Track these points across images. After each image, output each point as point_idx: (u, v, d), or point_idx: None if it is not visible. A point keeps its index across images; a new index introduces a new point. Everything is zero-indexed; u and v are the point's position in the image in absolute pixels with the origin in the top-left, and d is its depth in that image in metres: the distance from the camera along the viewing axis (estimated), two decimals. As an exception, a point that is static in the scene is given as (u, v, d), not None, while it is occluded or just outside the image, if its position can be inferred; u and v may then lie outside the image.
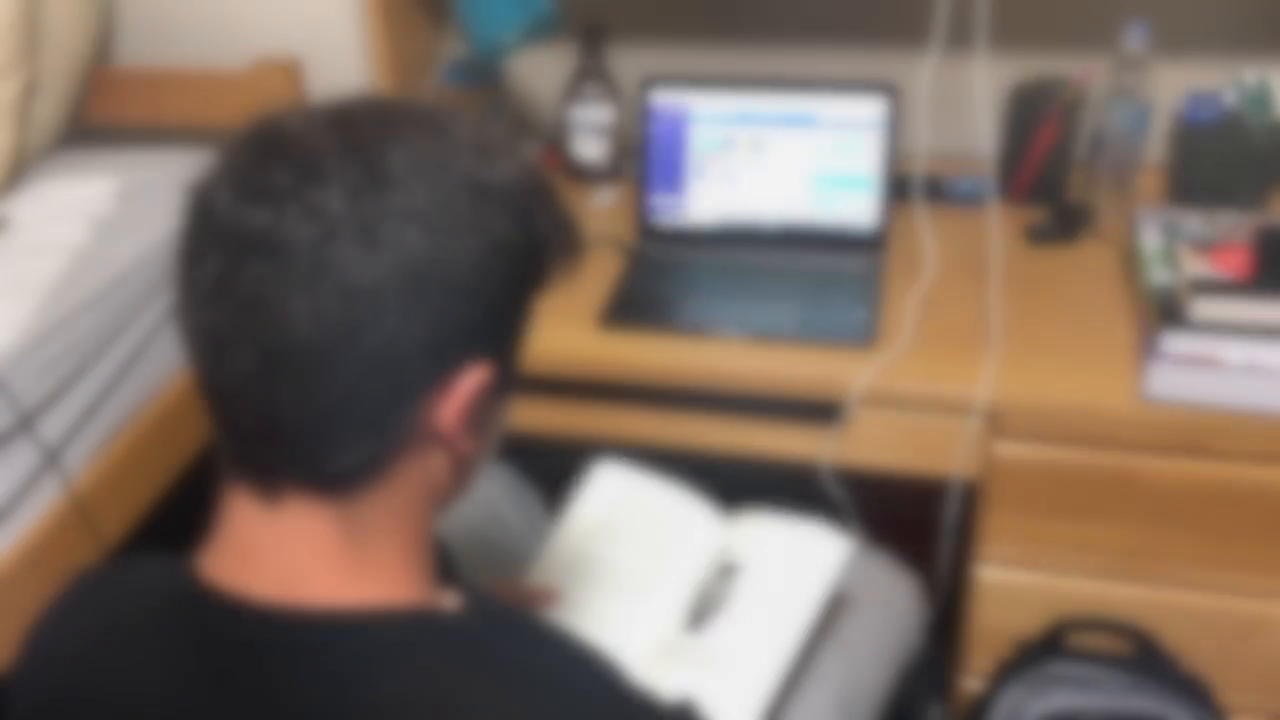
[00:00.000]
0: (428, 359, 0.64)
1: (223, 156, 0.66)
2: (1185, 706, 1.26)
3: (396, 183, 0.62)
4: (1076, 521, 1.27)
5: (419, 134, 0.65)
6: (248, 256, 0.61)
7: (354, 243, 0.61)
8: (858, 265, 1.45)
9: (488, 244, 0.65)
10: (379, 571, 0.68)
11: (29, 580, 1.35)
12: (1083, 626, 1.33)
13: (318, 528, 0.67)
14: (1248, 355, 1.16)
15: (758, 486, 1.29)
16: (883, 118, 1.44)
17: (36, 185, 1.73)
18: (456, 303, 0.64)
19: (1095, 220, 1.53)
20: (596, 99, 1.70)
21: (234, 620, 0.67)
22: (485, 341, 0.67)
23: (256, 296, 0.61)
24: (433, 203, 0.63)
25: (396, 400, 0.64)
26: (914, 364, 1.29)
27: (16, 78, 1.67)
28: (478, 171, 0.65)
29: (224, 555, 0.70)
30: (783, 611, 1.07)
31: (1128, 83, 1.49)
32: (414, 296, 0.62)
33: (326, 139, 0.63)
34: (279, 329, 0.61)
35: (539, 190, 0.69)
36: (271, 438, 0.64)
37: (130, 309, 1.54)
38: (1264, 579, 1.26)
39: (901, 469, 1.32)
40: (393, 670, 0.65)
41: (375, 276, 0.61)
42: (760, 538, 1.15)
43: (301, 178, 0.62)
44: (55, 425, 1.40)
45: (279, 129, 0.65)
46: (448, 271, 0.63)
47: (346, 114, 0.66)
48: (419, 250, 0.62)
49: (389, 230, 0.61)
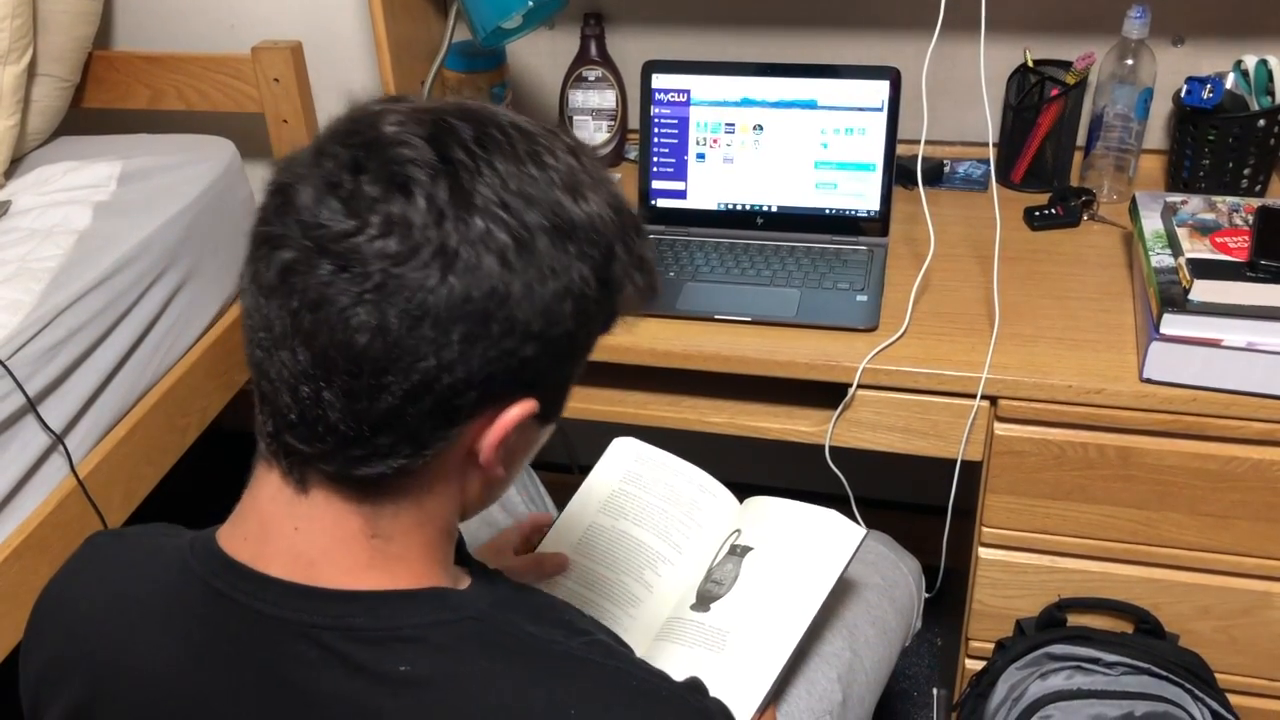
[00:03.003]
0: (478, 390, 0.63)
1: (316, 144, 0.64)
2: (1184, 686, 1.27)
3: (481, 210, 0.61)
4: (1077, 502, 1.28)
5: (513, 160, 0.64)
6: (321, 257, 0.60)
7: (429, 265, 0.60)
8: (859, 249, 1.46)
9: (561, 288, 0.64)
10: (399, 564, 0.68)
11: (36, 561, 1.35)
12: (1083, 606, 1.34)
13: (342, 520, 0.67)
14: (1247, 337, 1.17)
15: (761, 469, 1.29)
16: (884, 102, 1.44)
17: (37, 169, 1.72)
18: (517, 341, 0.63)
19: (1096, 204, 1.54)
20: (598, 83, 1.70)
21: (252, 592, 0.67)
22: (537, 378, 0.66)
23: (322, 298, 0.60)
24: (513, 238, 0.62)
25: (439, 423, 0.64)
26: (915, 347, 1.30)
27: (18, 62, 1.66)
28: (564, 209, 0.64)
29: (244, 531, 0.70)
30: (792, 596, 1.08)
31: (1128, 67, 1.49)
32: (477, 329, 0.61)
33: (421, 151, 0.62)
34: (338, 335, 0.60)
35: (622, 230, 0.68)
36: (310, 432, 0.64)
37: (133, 293, 1.54)
38: (1263, 559, 1.27)
39: (903, 451, 1.33)
40: (407, 646, 0.65)
41: (443, 303, 0.60)
42: (772, 521, 1.16)
43: (388, 190, 0.61)
44: (60, 409, 1.40)
45: (376, 129, 0.63)
46: (515, 310, 0.62)
47: (447, 126, 0.64)
48: (491, 284, 0.61)
49: (466, 259, 0.60)
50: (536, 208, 0.63)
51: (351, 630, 0.65)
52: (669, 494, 1.20)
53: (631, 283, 0.69)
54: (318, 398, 0.62)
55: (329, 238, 0.60)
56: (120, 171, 1.70)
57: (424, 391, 0.62)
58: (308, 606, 0.66)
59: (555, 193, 0.64)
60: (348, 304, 0.60)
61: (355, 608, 0.66)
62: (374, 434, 0.63)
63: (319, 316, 0.61)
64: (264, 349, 0.64)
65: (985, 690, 1.35)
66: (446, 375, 0.62)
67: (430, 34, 1.73)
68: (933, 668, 1.82)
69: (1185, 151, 1.52)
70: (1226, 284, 1.18)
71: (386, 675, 0.64)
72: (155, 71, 1.88)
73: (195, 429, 1.68)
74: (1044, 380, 1.23)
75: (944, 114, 1.65)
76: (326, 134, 0.65)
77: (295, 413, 0.64)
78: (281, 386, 0.64)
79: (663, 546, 1.17)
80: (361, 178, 0.61)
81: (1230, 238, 1.25)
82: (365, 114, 0.65)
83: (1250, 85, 1.49)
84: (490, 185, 0.62)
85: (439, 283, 0.60)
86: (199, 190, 1.71)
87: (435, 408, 0.63)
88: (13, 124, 1.69)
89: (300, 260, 0.61)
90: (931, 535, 1.45)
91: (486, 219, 0.61)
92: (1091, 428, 1.24)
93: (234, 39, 1.90)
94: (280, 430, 0.66)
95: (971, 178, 1.65)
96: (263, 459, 0.69)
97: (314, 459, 0.65)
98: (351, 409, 0.62)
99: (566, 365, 0.69)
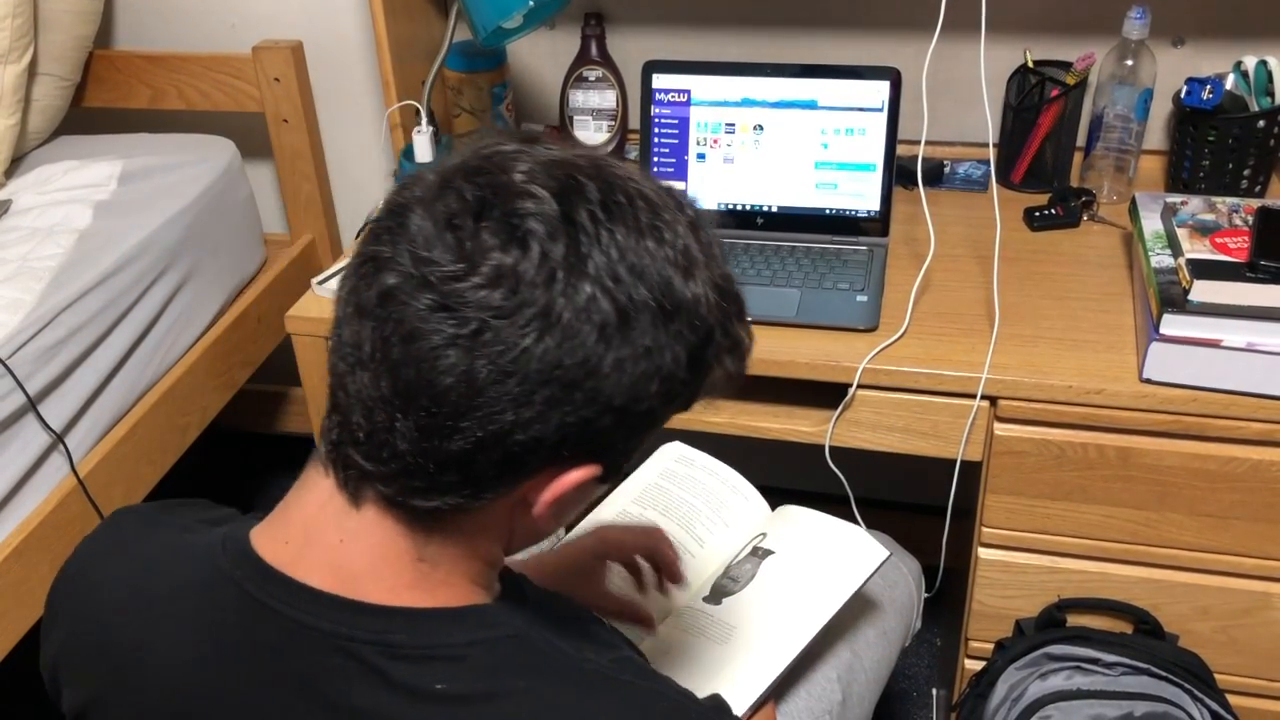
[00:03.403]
0: (547, 452, 0.63)
1: (443, 174, 0.64)
2: (1184, 686, 1.27)
3: (592, 278, 0.61)
4: (1076, 502, 1.28)
5: (634, 231, 0.63)
6: (424, 291, 0.60)
7: (528, 325, 0.59)
8: (859, 249, 1.46)
9: (652, 368, 0.63)
10: (441, 587, 0.68)
11: (37, 560, 1.35)
12: (1082, 607, 1.35)
13: (390, 540, 0.67)
14: (1247, 338, 1.17)
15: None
16: (884, 102, 1.44)
17: (38, 169, 1.73)
18: (597, 412, 0.63)
19: (1096, 204, 1.54)
20: (599, 83, 1.70)
21: (289, 600, 0.67)
22: (607, 448, 0.66)
23: (416, 332, 0.60)
24: (617, 311, 0.61)
25: (503, 474, 0.64)
26: (915, 347, 1.30)
27: (19, 61, 1.66)
28: (672, 289, 0.63)
29: (286, 535, 0.69)
30: (803, 603, 1.08)
31: (1128, 67, 1.49)
32: (561, 395, 0.61)
33: (545, 206, 0.61)
34: (424, 371, 0.60)
35: (724, 315, 0.67)
36: (376, 453, 0.64)
37: (134, 292, 1.54)
38: (1262, 560, 1.27)
39: (903, 451, 1.33)
40: (445, 664, 0.65)
41: (533, 364, 0.60)
42: (798, 529, 1.17)
43: (506, 241, 0.60)
44: (60, 408, 1.41)
45: (506, 174, 0.63)
46: (602, 383, 0.62)
47: (576, 184, 0.63)
48: (585, 354, 0.61)
49: (566, 325, 0.60)
50: (645, 284, 0.62)
51: (390, 646, 0.65)
52: (700, 491, 1.22)
53: (722, 367, 0.69)
54: (391, 425, 0.62)
55: (436, 275, 0.60)
56: (121, 171, 1.70)
57: (496, 443, 0.62)
58: (346, 619, 0.66)
59: (668, 270, 0.64)
60: (440, 344, 0.60)
61: (395, 623, 0.66)
62: (439, 471, 0.63)
63: (409, 349, 0.60)
64: (347, 364, 0.64)
65: (985, 690, 1.35)
66: (521, 433, 0.61)
67: (431, 34, 1.73)
68: (932, 668, 1.82)
69: (1185, 152, 1.53)
70: (1226, 284, 1.18)
71: (421, 692, 0.64)
72: (156, 71, 1.88)
73: (195, 428, 1.69)
74: (1044, 380, 1.23)
75: (944, 114, 1.65)
76: (455, 166, 0.64)
77: (364, 432, 0.64)
78: (356, 404, 0.63)
79: (684, 538, 1.18)
80: (482, 224, 0.60)
81: (1230, 238, 1.25)
82: (498, 154, 0.64)
83: (1250, 86, 1.49)
84: (606, 253, 0.62)
85: (534, 343, 0.60)
86: (199, 190, 1.71)
87: (503, 460, 0.63)
88: (13, 123, 1.69)
89: (403, 289, 0.60)
90: (931, 535, 1.45)
91: (595, 287, 0.61)
92: (1091, 428, 1.24)
93: (235, 38, 1.91)
94: (345, 443, 0.65)
95: (971, 178, 1.65)
96: (318, 464, 0.69)
97: (374, 478, 0.65)
98: (422, 444, 0.62)
99: (637, 438, 0.68)
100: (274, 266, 1.88)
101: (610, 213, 0.63)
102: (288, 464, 2.35)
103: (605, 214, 0.62)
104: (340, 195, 2.00)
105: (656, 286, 0.63)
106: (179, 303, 1.64)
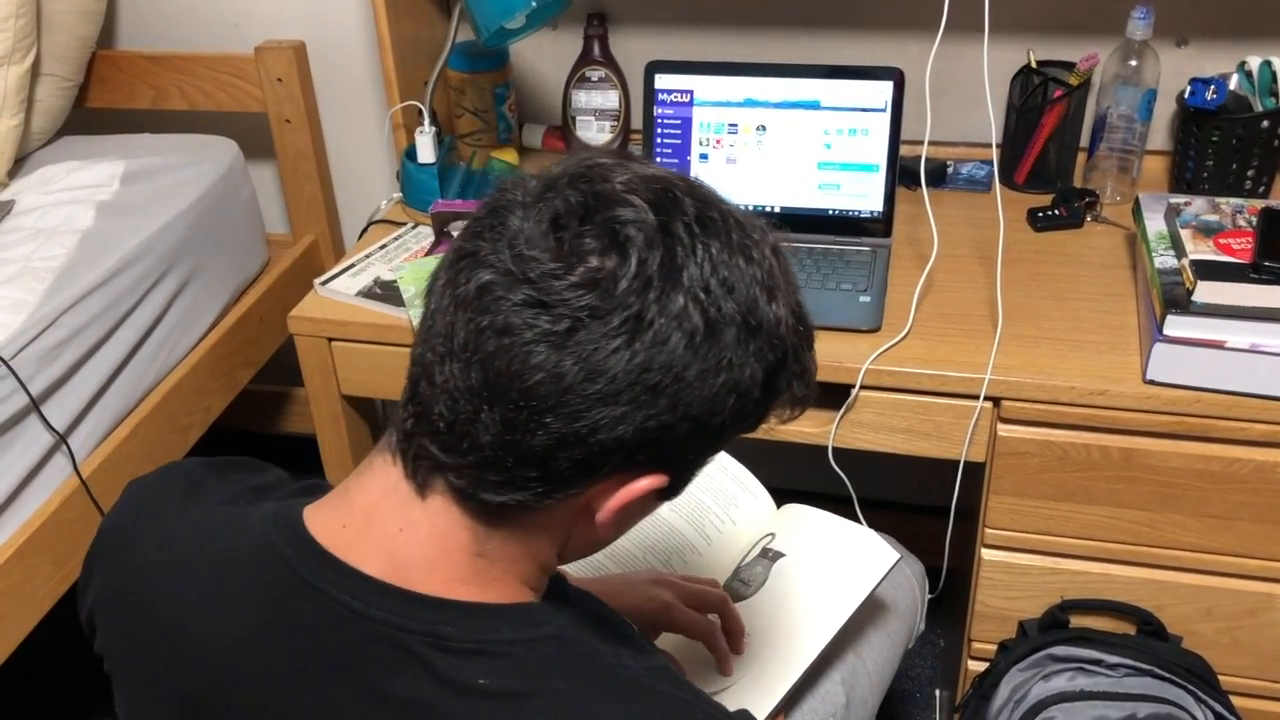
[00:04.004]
0: (622, 456, 0.65)
1: (546, 178, 0.66)
2: (1187, 688, 1.27)
3: (685, 289, 0.63)
4: (1079, 504, 1.28)
5: (726, 247, 0.65)
6: (521, 287, 0.61)
7: (620, 328, 0.61)
8: (862, 250, 1.46)
9: (731, 382, 0.65)
10: (494, 584, 0.69)
11: (39, 560, 1.35)
12: (1085, 608, 1.34)
13: (452, 533, 0.68)
14: (1250, 339, 1.17)
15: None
16: (888, 103, 1.44)
17: (41, 169, 1.73)
18: (676, 419, 0.64)
19: (1099, 205, 1.54)
20: (601, 84, 1.70)
21: (341, 586, 0.67)
22: (677, 459, 0.68)
23: (510, 326, 0.61)
24: (705, 323, 0.63)
25: (578, 474, 0.65)
26: (919, 348, 1.30)
27: (21, 62, 1.67)
28: (757, 307, 0.65)
29: (344, 519, 0.70)
30: (816, 611, 1.08)
31: (1132, 68, 1.49)
32: (645, 399, 0.63)
33: (644, 215, 0.63)
34: (515, 365, 0.62)
35: (799, 340, 0.69)
36: (455, 444, 0.65)
37: (136, 292, 1.54)
38: (1266, 561, 1.27)
39: (906, 452, 1.33)
40: (489, 660, 0.66)
41: (621, 367, 0.61)
42: (808, 532, 1.16)
43: (606, 245, 0.62)
44: (63, 408, 1.41)
45: (608, 182, 0.65)
46: (684, 392, 0.63)
47: (674, 198, 0.65)
48: (671, 362, 0.62)
49: (656, 331, 0.62)
50: (734, 299, 0.64)
51: (439, 638, 0.66)
52: (709, 486, 1.22)
53: (790, 392, 0.71)
54: (476, 416, 0.63)
55: (535, 272, 0.61)
56: (123, 171, 1.70)
57: (577, 441, 0.63)
58: (398, 608, 0.66)
59: (754, 288, 0.65)
60: (532, 340, 0.61)
61: (446, 616, 0.67)
62: (517, 465, 0.64)
63: (503, 343, 0.62)
64: (437, 355, 0.65)
65: (988, 692, 1.35)
66: (603, 434, 0.63)
67: (433, 34, 1.73)
68: (935, 669, 1.82)
69: (1189, 153, 1.52)
70: (1230, 285, 1.18)
71: (464, 686, 0.65)
72: (158, 71, 1.88)
73: (198, 429, 1.69)
74: (1047, 381, 1.23)
75: (947, 115, 1.65)
76: (558, 172, 0.66)
77: (446, 422, 0.65)
78: (442, 394, 0.65)
79: (693, 535, 1.18)
80: (584, 227, 0.62)
81: (1234, 239, 1.25)
82: (598, 164, 0.67)
83: (1254, 86, 1.49)
84: (700, 266, 0.63)
85: (624, 346, 0.61)
86: (202, 190, 1.72)
87: (581, 460, 0.64)
88: (16, 124, 1.69)
89: (502, 284, 0.62)
90: (934, 536, 1.45)
91: (687, 298, 0.63)
92: (1094, 429, 1.24)
93: (237, 39, 1.91)
94: (420, 433, 0.67)
95: (975, 179, 1.65)
96: (387, 452, 0.70)
97: (447, 469, 0.66)
98: (505, 437, 0.63)
99: (707, 453, 0.70)
100: (276, 267, 1.89)
101: (705, 228, 0.65)
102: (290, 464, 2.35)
103: (700, 228, 0.64)
104: (343, 196, 2.00)
105: (743, 303, 0.65)
106: (181, 303, 1.64)
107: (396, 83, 1.64)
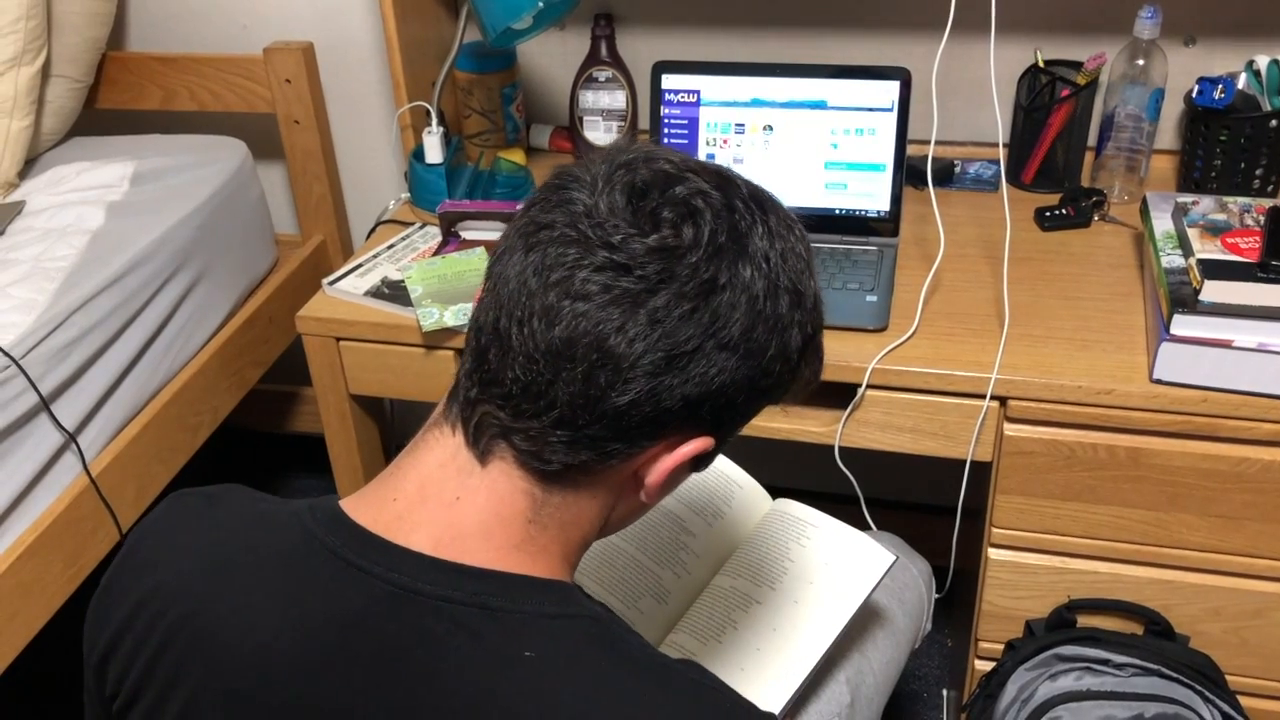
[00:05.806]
0: (685, 415, 0.68)
1: (611, 158, 0.70)
2: (1195, 688, 1.27)
3: (750, 258, 0.68)
4: (1086, 503, 1.28)
5: (778, 221, 0.71)
6: (599, 252, 0.65)
7: (692, 293, 0.65)
8: (869, 249, 1.46)
9: (781, 347, 0.70)
10: (541, 555, 0.71)
11: (49, 559, 1.36)
12: (1092, 608, 1.34)
13: (510, 499, 0.69)
14: (1258, 338, 1.16)
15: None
16: (894, 102, 1.44)
17: (51, 170, 1.74)
18: (735, 381, 0.68)
19: (1107, 204, 1.54)
20: (608, 84, 1.70)
21: (388, 564, 0.68)
22: (724, 424, 0.71)
23: (586, 293, 0.65)
24: (766, 290, 0.68)
25: (644, 433, 0.68)
26: (925, 347, 1.30)
27: (32, 63, 1.67)
28: (803, 279, 0.71)
29: (395, 492, 0.71)
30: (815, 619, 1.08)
31: (1139, 67, 1.49)
32: (715, 357, 0.67)
33: (710, 190, 0.68)
34: (598, 326, 0.65)
35: (820, 319, 0.75)
36: (529, 406, 0.67)
37: (146, 292, 1.55)
38: (1274, 560, 1.27)
39: (913, 451, 1.33)
40: (534, 633, 0.66)
41: (695, 330, 0.66)
42: (800, 535, 1.16)
43: (680, 215, 0.66)
44: (72, 408, 1.41)
45: (669, 163, 0.69)
46: (748, 355, 0.68)
47: (728, 176, 0.71)
48: (736, 325, 0.67)
49: (725, 297, 0.66)
50: (788, 270, 0.70)
51: (486, 608, 0.67)
52: (706, 483, 1.22)
53: (809, 368, 0.75)
54: (555, 377, 0.66)
55: (617, 238, 0.65)
56: (133, 172, 1.71)
57: (650, 400, 0.66)
58: (447, 580, 0.67)
59: (800, 263, 0.71)
60: (612, 300, 0.65)
61: (491, 585, 0.68)
62: (588, 424, 0.67)
63: (584, 307, 0.65)
64: (514, 319, 0.67)
65: (995, 691, 1.35)
66: (677, 391, 0.67)
67: (441, 35, 1.74)
68: (942, 668, 1.82)
69: (1196, 152, 1.52)
70: (1237, 285, 1.17)
71: (510, 657, 0.65)
72: (168, 72, 1.89)
73: (207, 428, 1.69)
74: (1054, 381, 1.23)
75: (954, 114, 1.65)
76: (615, 150, 0.71)
77: (520, 385, 0.67)
78: (519, 356, 0.67)
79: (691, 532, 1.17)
80: (663, 198, 0.67)
81: (1241, 238, 1.24)
82: (651, 150, 0.71)
83: (1262, 85, 1.49)
84: (762, 237, 0.69)
85: (693, 312, 0.65)
86: (211, 190, 1.72)
87: (650, 417, 0.67)
88: (27, 124, 1.70)
89: (579, 252, 0.66)
90: (941, 536, 1.45)
91: (752, 266, 0.68)
92: (1101, 428, 1.24)
93: (246, 40, 1.91)
94: (486, 399, 0.69)
95: (982, 178, 1.65)
96: (442, 425, 0.72)
97: (513, 433, 0.68)
98: (583, 394, 0.66)
99: (747, 418, 0.74)
100: (285, 266, 1.89)
101: (760, 205, 0.70)
102: (299, 464, 2.36)
103: (757, 204, 0.70)
104: (351, 196, 2.01)
105: (794, 275, 0.70)
106: (191, 303, 1.65)
107: (404, 83, 1.64)
